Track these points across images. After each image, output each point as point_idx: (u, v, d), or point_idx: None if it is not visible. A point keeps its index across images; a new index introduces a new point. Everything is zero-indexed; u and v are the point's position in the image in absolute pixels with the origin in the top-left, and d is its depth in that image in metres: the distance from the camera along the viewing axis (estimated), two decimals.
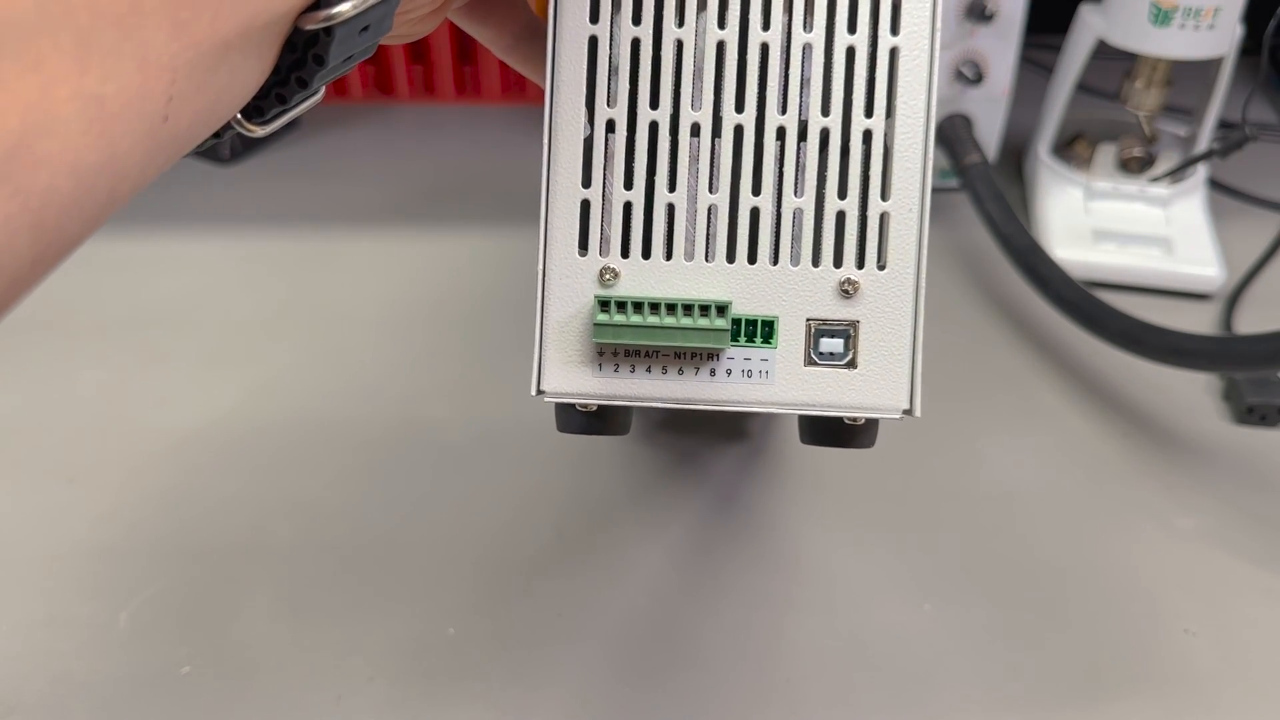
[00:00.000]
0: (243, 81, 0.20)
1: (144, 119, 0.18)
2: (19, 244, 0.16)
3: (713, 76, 0.26)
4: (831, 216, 0.26)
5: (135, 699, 0.34)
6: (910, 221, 0.26)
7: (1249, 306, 0.53)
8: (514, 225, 0.56)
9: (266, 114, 0.22)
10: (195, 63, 0.18)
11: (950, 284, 0.54)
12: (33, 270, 0.17)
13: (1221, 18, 0.50)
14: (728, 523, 0.41)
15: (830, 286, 0.26)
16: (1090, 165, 0.58)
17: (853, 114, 0.26)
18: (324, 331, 0.50)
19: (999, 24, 0.55)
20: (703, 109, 0.26)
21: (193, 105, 0.19)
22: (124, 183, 0.18)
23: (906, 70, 0.26)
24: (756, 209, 0.26)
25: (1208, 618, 0.37)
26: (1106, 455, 0.44)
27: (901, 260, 0.26)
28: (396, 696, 0.34)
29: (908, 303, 0.26)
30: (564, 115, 0.26)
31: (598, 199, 0.26)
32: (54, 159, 0.16)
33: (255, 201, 0.59)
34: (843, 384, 0.26)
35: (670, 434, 0.45)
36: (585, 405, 0.27)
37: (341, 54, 0.22)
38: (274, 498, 0.41)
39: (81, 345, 0.48)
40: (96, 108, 0.17)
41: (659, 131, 0.26)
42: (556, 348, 0.26)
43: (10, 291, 0.17)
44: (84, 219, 0.18)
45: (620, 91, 0.26)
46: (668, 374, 0.26)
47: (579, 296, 0.26)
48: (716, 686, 0.35)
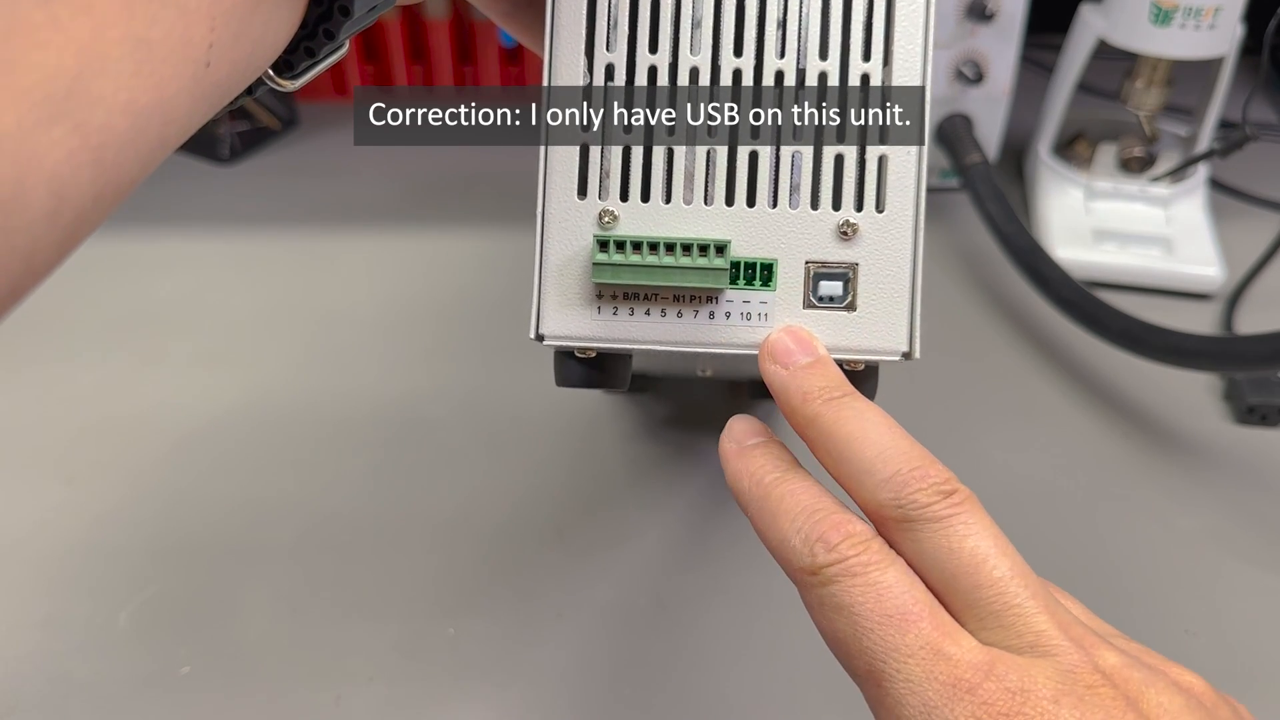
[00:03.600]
0: (275, 32, 0.22)
1: (188, 64, 0.19)
2: (82, 179, 0.17)
3: (711, 21, 0.26)
4: (830, 160, 0.26)
5: (135, 699, 0.34)
6: (909, 164, 0.26)
7: (1249, 306, 0.53)
8: (514, 225, 0.56)
9: (296, 68, 0.23)
10: (231, 12, 0.20)
11: (951, 284, 0.54)
12: (95, 207, 0.18)
13: (1222, 17, 0.50)
14: (728, 522, 0.41)
15: (829, 229, 0.26)
16: (1091, 165, 0.58)
17: (850, 58, 0.26)
18: (324, 331, 0.50)
19: (999, 23, 0.55)
20: (701, 53, 0.26)
21: (231, 54, 0.20)
22: (172, 126, 0.19)
23: (903, 14, 0.26)
24: (755, 153, 0.26)
25: (1208, 618, 0.37)
26: (1107, 455, 0.44)
27: (900, 203, 0.26)
28: (396, 697, 0.34)
29: (906, 245, 0.26)
30: (563, 61, 0.26)
31: (597, 143, 0.26)
32: (109, 98, 0.17)
33: (255, 201, 0.59)
34: (842, 326, 0.26)
35: (670, 429, 0.45)
36: (584, 351, 0.27)
37: (366, 4, 0.23)
38: (273, 498, 0.41)
39: (81, 345, 0.48)
40: (145, 51, 0.18)
41: (658, 76, 0.26)
42: (556, 291, 0.26)
43: (76, 228, 0.18)
44: (139, 159, 0.19)
45: (619, 37, 0.26)
46: (667, 316, 0.26)
47: (578, 239, 0.26)
48: (716, 686, 0.35)
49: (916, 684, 0.20)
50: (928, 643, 0.20)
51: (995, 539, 0.22)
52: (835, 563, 0.21)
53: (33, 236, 0.17)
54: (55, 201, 0.17)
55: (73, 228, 0.18)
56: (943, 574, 0.22)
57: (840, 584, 0.21)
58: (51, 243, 0.17)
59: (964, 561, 0.22)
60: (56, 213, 0.17)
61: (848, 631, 0.21)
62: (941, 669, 0.20)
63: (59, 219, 0.17)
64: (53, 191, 0.17)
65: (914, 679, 0.20)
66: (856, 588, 0.21)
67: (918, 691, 0.20)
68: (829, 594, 0.21)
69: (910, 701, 0.20)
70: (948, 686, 0.20)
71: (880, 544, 0.22)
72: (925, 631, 0.20)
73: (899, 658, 0.20)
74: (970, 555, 0.22)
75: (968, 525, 0.22)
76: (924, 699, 0.20)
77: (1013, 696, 0.20)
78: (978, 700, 0.19)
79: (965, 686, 0.20)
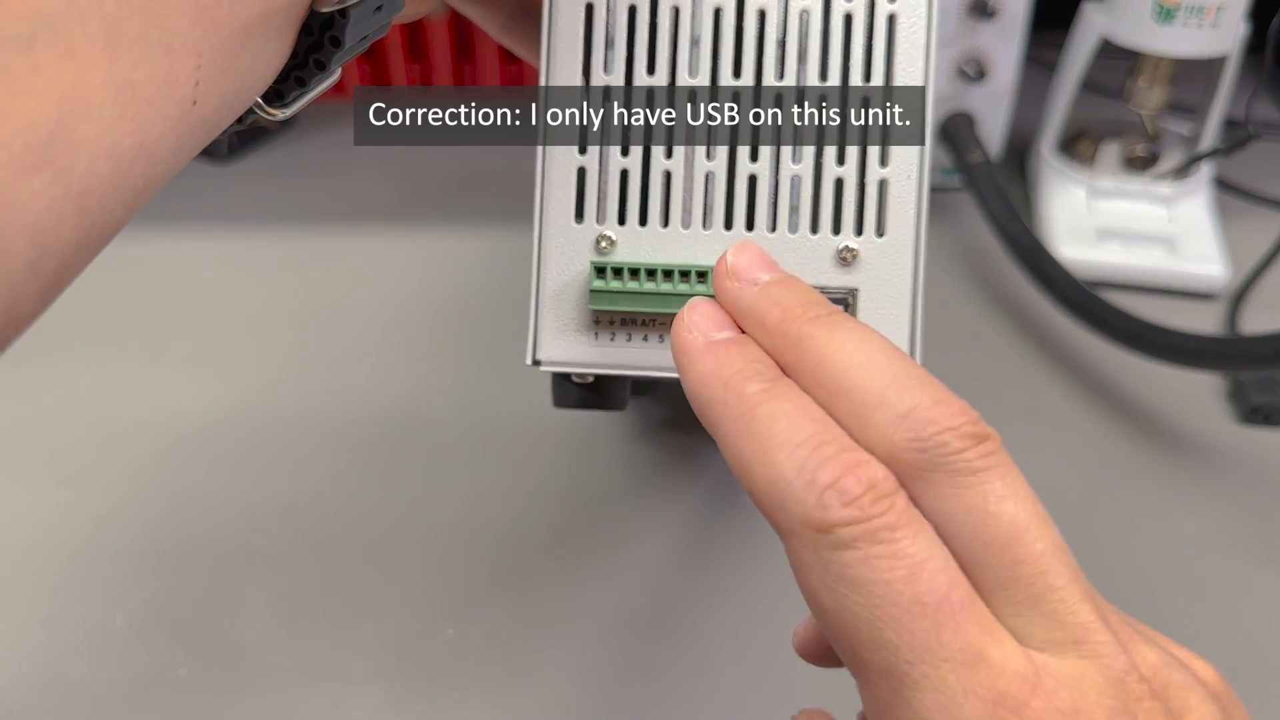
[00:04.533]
0: (264, 65, 0.21)
1: (173, 103, 0.18)
2: (65, 227, 0.17)
3: (710, 42, 0.26)
4: (830, 183, 0.26)
5: (132, 700, 0.34)
6: (909, 188, 0.26)
7: (1254, 306, 0.53)
8: (514, 225, 0.56)
9: (286, 97, 0.23)
10: (219, 48, 0.19)
11: (953, 284, 0.54)
12: (78, 254, 0.18)
13: (1225, 15, 0.50)
14: (727, 522, 0.40)
15: (829, 254, 0.26)
16: (1094, 164, 0.57)
17: (850, 80, 0.26)
18: (323, 331, 0.50)
19: (1002, 21, 0.55)
20: (700, 75, 0.26)
21: (219, 89, 0.20)
22: (158, 167, 0.19)
23: (904, 36, 0.26)
24: (754, 176, 0.26)
25: (1211, 618, 0.37)
26: (1110, 455, 0.44)
27: (901, 227, 0.26)
28: (395, 698, 0.34)
29: (907, 270, 0.26)
30: (560, 83, 0.26)
31: (594, 166, 0.26)
32: (91, 143, 0.17)
33: (254, 201, 0.59)
34: None
35: (670, 432, 0.44)
36: (582, 377, 0.27)
37: (357, 34, 0.22)
38: (272, 498, 0.41)
39: (80, 345, 0.48)
40: (129, 93, 0.17)
41: (655, 98, 0.26)
42: (553, 316, 0.26)
43: (59, 275, 0.18)
44: (123, 202, 0.18)
45: (616, 59, 0.26)
46: (664, 342, 0.26)
47: (575, 264, 0.26)
48: (716, 686, 0.35)
49: (950, 696, 0.16)
50: (968, 644, 0.17)
51: (1034, 505, 0.19)
52: (854, 521, 0.17)
53: (13, 286, 0.16)
54: (38, 251, 0.16)
55: (55, 276, 0.17)
56: (973, 542, 0.18)
57: (859, 551, 0.17)
58: (34, 292, 0.17)
59: (1002, 530, 0.18)
60: (39, 262, 0.17)
61: (862, 615, 0.17)
62: (982, 679, 0.16)
63: (41, 268, 0.17)
64: (34, 241, 0.16)
65: (947, 689, 0.16)
66: (881, 560, 0.17)
67: (950, 707, 0.16)
68: (841, 561, 0.17)
69: (939, 718, 0.16)
70: (989, 704, 0.16)
71: (905, 499, 0.18)
72: (965, 628, 0.17)
73: (932, 661, 0.17)
74: (1010, 523, 0.18)
75: (1007, 484, 0.18)
76: (958, 715, 0.16)
77: (1064, 719, 0.16)
78: (1032, 711, 0.16)
79: (1010, 705, 0.16)
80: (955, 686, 0.16)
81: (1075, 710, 0.16)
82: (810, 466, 0.18)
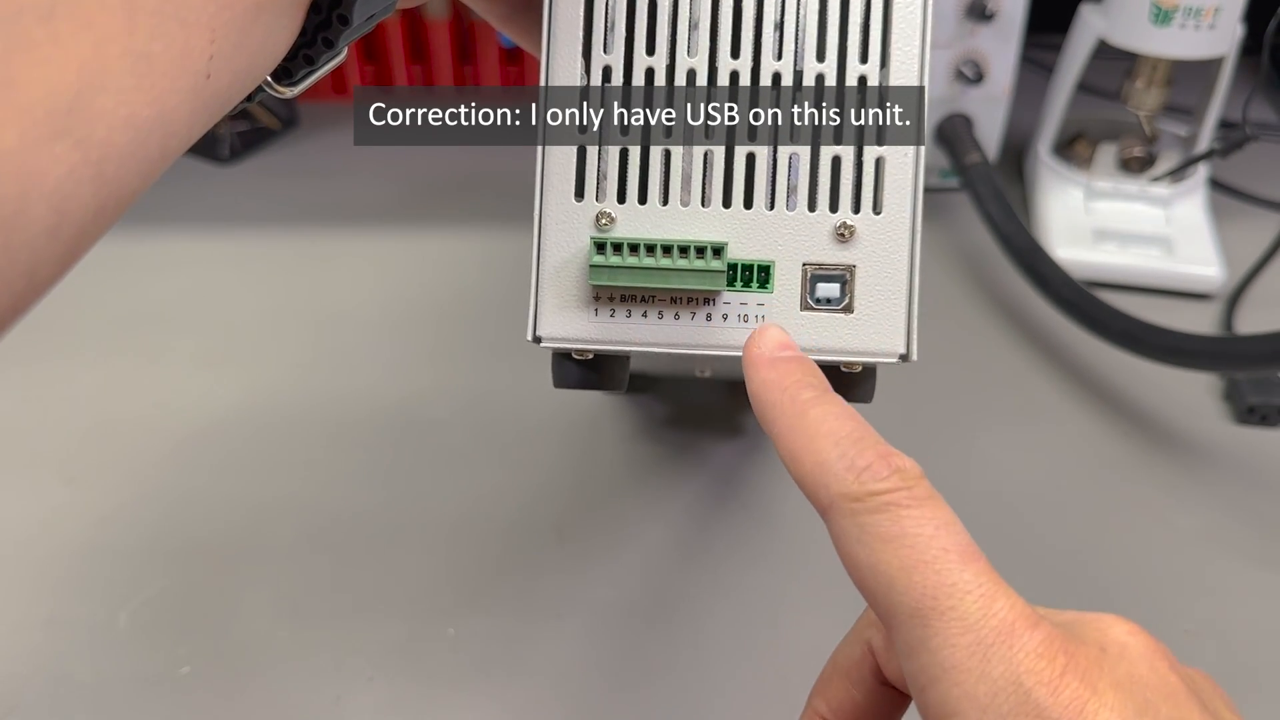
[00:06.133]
0: (275, 42, 0.22)
1: (189, 76, 0.19)
2: (83, 194, 0.17)
3: (709, 23, 0.26)
4: (828, 161, 0.26)
5: (135, 699, 0.34)
6: (906, 166, 0.26)
7: (1250, 306, 0.53)
8: (515, 225, 0.56)
9: (295, 75, 0.23)
10: (232, 23, 0.20)
11: (951, 284, 0.54)
12: (96, 221, 0.18)
13: (1222, 17, 0.50)
14: (727, 520, 0.41)
15: (826, 231, 0.26)
16: (1091, 165, 0.58)
17: (847, 60, 0.26)
18: (324, 331, 0.50)
19: (999, 23, 0.55)
20: (699, 55, 0.26)
21: (231, 64, 0.20)
22: (174, 138, 0.19)
23: (900, 16, 0.26)
24: (753, 154, 0.26)
25: (1207, 617, 0.37)
26: (1107, 455, 0.44)
27: (897, 205, 0.26)
28: (396, 696, 0.34)
29: (904, 247, 0.26)
30: (560, 63, 0.26)
31: (594, 144, 0.26)
32: (109, 113, 0.17)
33: (254, 201, 0.59)
34: (839, 328, 0.26)
35: (671, 430, 0.45)
36: (581, 353, 0.27)
37: (364, 13, 0.23)
38: (274, 498, 0.41)
39: (81, 345, 0.48)
40: (146, 65, 0.18)
41: (655, 77, 0.26)
42: (553, 293, 0.26)
43: (78, 241, 0.18)
44: (140, 172, 0.19)
45: (617, 39, 0.26)
46: (664, 318, 0.26)
47: (575, 241, 0.26)
48: (716, 686, 0.35)
49: (973, 621, 0.19)
50: (987, 581, 0.19)
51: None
52: (887, 491, 0.20)
53: (34, 251, 0.17)
54: (57, 217, 0.17)
55: (74, 242, 0.18)
56: None
57: (892, 513, 0.20)
58: (53, 257, 0.18)
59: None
60: (58, 228, 0.17)
61: (895, 564, 0.20)
62: (1000, 609, 0.19)
63: (60, 234, 0.17)
64: (54, 207, 0.17)
65: (970, 616, 0.19)
66: (910, 519, 0.20)
67: (973, 629, 0.19)
68: (876, 522, 0.20)
69: (962, 642, 0.19)
70: (1005, 625, 0.19)
71: (929, 485, 0.21)
72: (985, 571, 0.20)
73: (956, 593, 0.19)
74: None
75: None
76: (979, 637, 0.19)
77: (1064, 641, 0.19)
78: (1037, 639, 0.19)
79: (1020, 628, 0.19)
80: (976, 612, 0.19)
81: (1065, 645, 0.19)
82: (850, 454, 0.21)
